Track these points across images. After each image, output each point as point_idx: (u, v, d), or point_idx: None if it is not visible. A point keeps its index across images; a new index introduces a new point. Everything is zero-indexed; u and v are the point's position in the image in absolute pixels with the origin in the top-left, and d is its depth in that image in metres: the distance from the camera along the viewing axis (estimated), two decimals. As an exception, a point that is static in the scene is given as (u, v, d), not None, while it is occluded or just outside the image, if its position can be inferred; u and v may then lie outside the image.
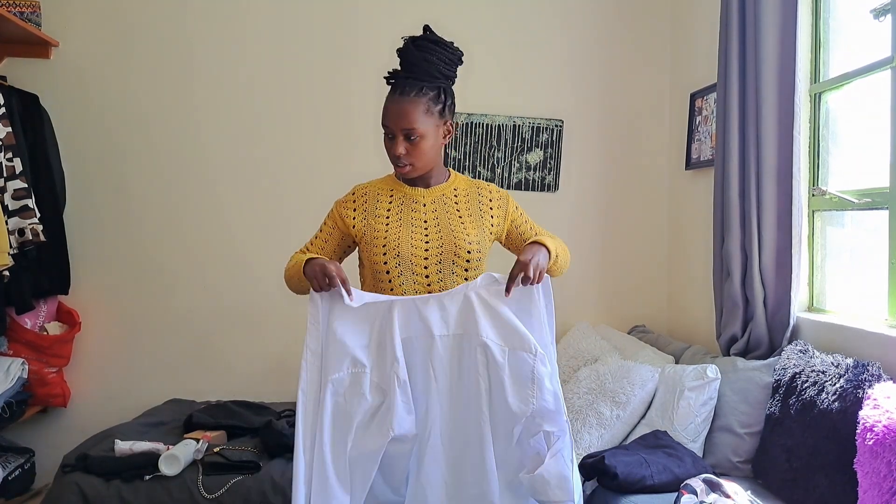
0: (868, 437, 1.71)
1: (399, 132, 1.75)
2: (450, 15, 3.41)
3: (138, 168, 3.33)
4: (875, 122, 2.29)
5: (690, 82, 3.32)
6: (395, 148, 1.76)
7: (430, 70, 1.76)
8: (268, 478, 2.41)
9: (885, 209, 2.20)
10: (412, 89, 1.74)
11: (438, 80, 1.78)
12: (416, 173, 1.82)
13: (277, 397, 3.29)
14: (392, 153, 1.77)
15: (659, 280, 3.58)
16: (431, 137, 1.78)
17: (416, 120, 1.74)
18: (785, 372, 2.25)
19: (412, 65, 1.76)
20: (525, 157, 3.49)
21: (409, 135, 1.75)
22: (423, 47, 1.77)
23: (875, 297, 2.28)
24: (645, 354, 2.88)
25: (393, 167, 1.84)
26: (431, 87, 1.77)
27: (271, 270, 3.39)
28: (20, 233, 2.80)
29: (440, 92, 1.79)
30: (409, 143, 1.76)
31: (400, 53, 1.80)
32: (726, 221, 2.67)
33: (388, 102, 1.77)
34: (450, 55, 1.80)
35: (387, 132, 1.78)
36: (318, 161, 3.39)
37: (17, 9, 3.04)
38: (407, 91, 1.74)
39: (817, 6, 2.58)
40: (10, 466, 2.91)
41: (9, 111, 2.83)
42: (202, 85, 3.35)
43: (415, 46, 1.77)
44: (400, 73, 1.79)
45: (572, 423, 2.61)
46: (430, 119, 1.77)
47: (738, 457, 2.33)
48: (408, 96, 1.74)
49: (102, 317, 3.31)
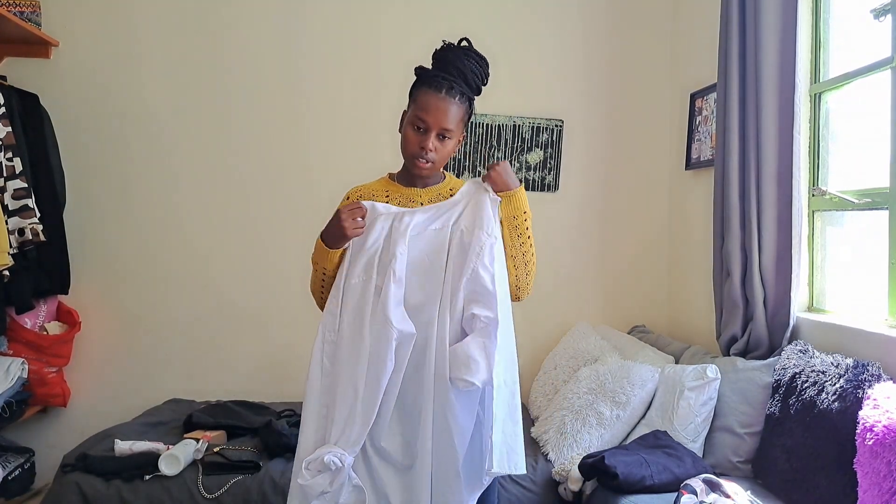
0: (868, 437, 1.71)
1: (436, 128, 1.76)
2: (450, 15, 3.42)
3: (138, 168, 3.33)
4: (875, 122, 2.29)
5: (690, 82, 3.32)
6: (427, 141, 1.77)
7: (472, 81, 1.80)
8: (268, 478, 2.41)
9: (885, 209, 2.20)
10: (457, 93, 1.77)
11: (473, 93, 1.82)
12: (431, 171, 1.84)
13: (277, 397, 3.29)
14: (420, 146, 1.77)
15: (659, 280, 3.58)
16: (454, 142, 1.82)
17: (454, 122, 1.77)
18: (785, 372, 2.25)
19: (460, 71, 1.78)
20: (525, 157, 3.49)
21: (443, 134, 1.77)
22: (470, 56, 1.80)
23: (875, 297, 2.28)
24: (645, 354, 2.88)
25: (407, 162, 1.83)
26: (468, 97, 1.81)
27: (271, 270, 3.42)
28: (20, 232, 2.81)
29: (471, 104, 1.83)
30: (438, 142, 1.78)
31: (443, 55, 1.80)
32: (726, 221, 2.67)
33: (429, 97, 1.76)
34: (485, 71, 1.84)
35: (420, 125, 1.77)
36: (319, 160, 3.39)
37: (17, 9, 3.04)
38: (453, 93, 1.76)
39: (817, 6, 2.58)
40: (10, 466, 2.91)
41: (9, 111, 2.83)
42: (202, 84, 3.35)
43: (462, 52, 1.80)
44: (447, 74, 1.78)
45: (573, 423, 2.61)
46: (460, 126, 1.81)
47: (737, 457, 2.33)
48: (453, 98, 1.76)
49: (102, 317, 3.32)
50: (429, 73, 1.80)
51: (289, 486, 1.74)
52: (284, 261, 3.30)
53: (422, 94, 1.77)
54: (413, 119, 1.78)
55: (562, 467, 2.44)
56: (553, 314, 3.50)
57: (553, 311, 3.51)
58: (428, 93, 1.76)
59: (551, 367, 3.17)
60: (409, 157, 1.81)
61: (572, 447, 2.55)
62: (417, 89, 1.80)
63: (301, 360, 3.34)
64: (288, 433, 2.59)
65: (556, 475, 2.45)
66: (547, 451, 2.61)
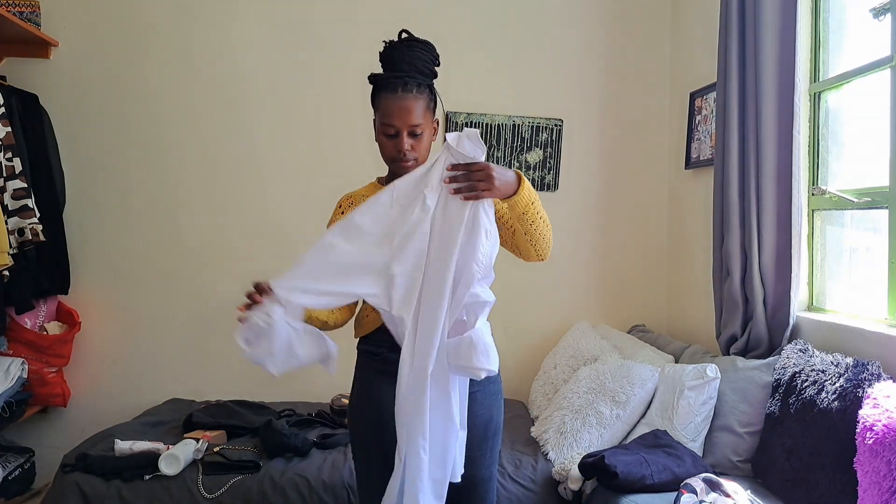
0: (868, 437, 1.71)
1: (405, 129, 1.75)
2: (450, 15, 3.42)
3: (138, 168, 3.33)
4: (875, 122, 2.29)
5: (690, 82, 3.32)
6: (401, 144, 1.75)
7: (423, 68, 1.78)
8: (268, 478, 2.42)
9: (885, 209, 2.20)
10: (413, 86, 1.75)
11: (429, 78, 1.80)
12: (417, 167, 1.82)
13: (277, 397, 3.29)
14: (397, 150, 1.76)
15: (659, 280, 3.58)
16: (428, 133, 1.80)
17: (421, 115, 1.75)
18: (785, 371, 2.25)
19: (408, 64, 1.77)
20: (525, 156, 3.49)
21: (414, 131, 1.76)
22: (414, 47, 1.79)
23: (875, 297, 2.28)
24: (645, 354, 2.88)
25: (390, 166, 1.83)
26: (426, 85, 1.78)
27: (272, 270, 3.40)
28: (20, 233, 2.81)
29: (431, 89, 1.81)
30: (413, 140, 1.77)
31: (388, 54, 1.80)
32: (726, 221, 2.67)
33: (388, 101, 1.75)
34: (433, 55, 1.82)
35: (388, 130, 1.76)
36: (319, 162, 3.39)
37: (17, 9, 3.04)
38: (409, 88, 1.74)
39: (817, 5, 2.58)
40: (10, 466, 2.91)
41: (9, 111, 2.84)
42: (202, 85, 3.35)
43: (405, 46, 1.78)
44: (394, 72, 1.78)
45: (572, 423, 2.61)
46: (428, 115, 1.79)
47: (737, 456, 2.33)
48: (411, 93, 1.74)
49: (102, 317, 3.32)
50: (381, 77, 1.79)
51: (288, 486, 1.73)
52: (284, 261, 3.28)
53: (381, 99, 1.76)
54: (381, 127, 1.77)
55: (562, 467, 2.44)
56: (553, 314, 3.50)
57: (553, 311, 3.51)
58: (386, 97, 1.75)
59: (551, 366, 3.17)
60: (391, 163, 1.81)
61: (572, 447, 2.55)
62: (377, 96, 1.79)
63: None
64: (288, 433, 2.59)
65: (556, 475, 2.45)
66: (547, 450, 2.61)
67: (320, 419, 2.96)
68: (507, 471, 2.50)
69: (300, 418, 2.93)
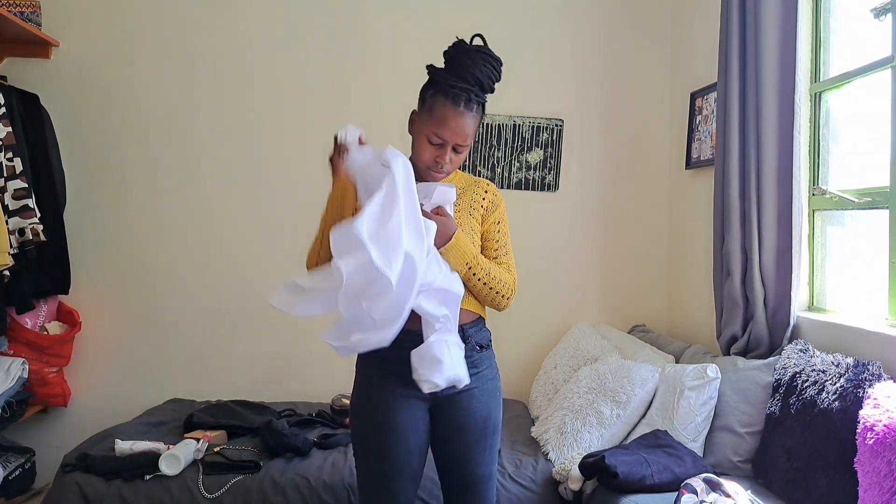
0: (868, 437, 1.71)
1: (452, 143, 1.72)
2: (449, 14, 3.42)
3: (138, 168, 3.33)
4: (875, 122, 2.29)
5: (690, 82, 3.32)
6: (444, 156, 1.72)
7: (487, 87, 1.75)
8: (268, 478, 2.42)
9: (885, 209, 2.20)
10: (475, 104, 1.72)
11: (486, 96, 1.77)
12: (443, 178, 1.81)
13: (277, 397, 3.29)
14: (436, 160, 1.73)
15: (659, 280, 3.58)
16: (467, 150, 1.79)
17: (472, 133, 1.73)
18: (785, 371, 2.25)
19: (477, 79, 1.72)
20: (525, 156, 3.49)
21: (458, 148, 1.74)
22: (487, 60, 1.73)
23: (875, 297, 2.28)
24: (645, 354, 2.88)
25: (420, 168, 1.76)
26: (483, 104, 1.76)
27: (272, 270, 3.41)
28: (20, 232, 2.81)
29: (484, 108, 1.78)
30: (454, 154, 1.75)
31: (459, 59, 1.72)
32: (726, 221, 2.67)
33: (447, 111, 1.69)
34: (499, 72, 1.78)
35: (435, 140, 1.72)
36: (319, 162, 3.38)
37: (18, 9, 3.04)
38: (471, 105, 1.71)
39: (817, 6, 2.58)
40: (11, 466, 2.91)
41: (9, 111, 2.84)
42: (202, 85, 3.35)
43: (479, 57, 1.73)
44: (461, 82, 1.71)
45: (573, 423, 2.61)
46: (474, 134, 1.77)
47: (738, 456, 2.33)
48: (471, 111, 1.71)
49: (102, 317, 3.32)
50: (446, 82, 1.71)
51: (289, 486, 1.72)
52: (285, 260, 3.29)
53: (438, 105, 1.70)
54: (429, 133, 1.72)
55: (562, 467, 2.44)
56: (553, 314, 3.50)
57: (553, 311, 3.51)
58: (445, 106, 1.69)
59: (551, 366, 3.17)
60: (424, 168, 1.76)
61: (572, 447, 2.55)
62: (433, 98, 1.72)
63: (301, 360, 3.37)
64: (288, 433, 2.59)
65: (557, 475, 2.45)
66: (547, 450, 2.61)
67: (321, 419, 2.96)
68: (508, 471, 2.50)
69: (300, 418, 2.93)
